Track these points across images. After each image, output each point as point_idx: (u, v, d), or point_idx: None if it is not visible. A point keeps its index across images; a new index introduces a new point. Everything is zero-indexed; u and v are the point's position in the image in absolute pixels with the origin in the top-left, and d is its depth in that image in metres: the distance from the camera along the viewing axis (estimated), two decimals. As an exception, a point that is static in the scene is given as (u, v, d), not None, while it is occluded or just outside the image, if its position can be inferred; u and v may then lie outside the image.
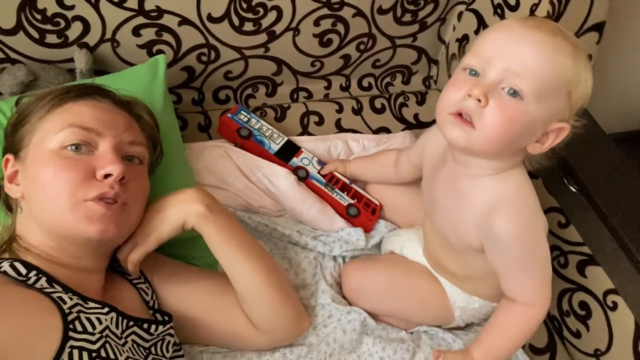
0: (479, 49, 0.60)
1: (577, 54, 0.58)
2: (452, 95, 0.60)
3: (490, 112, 0.57)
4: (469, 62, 0.60)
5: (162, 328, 0.65)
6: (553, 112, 0.59)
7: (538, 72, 0.56)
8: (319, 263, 0.86)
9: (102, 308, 0.58)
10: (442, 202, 0.71)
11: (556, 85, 0.57)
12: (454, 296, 0.77)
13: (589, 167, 0.83)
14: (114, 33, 0.87)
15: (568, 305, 0.85)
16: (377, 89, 1.16)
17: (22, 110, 0.65)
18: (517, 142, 0.60)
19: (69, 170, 0.58)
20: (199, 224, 0.66)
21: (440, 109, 0.62)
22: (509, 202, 0.64)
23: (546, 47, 0.57)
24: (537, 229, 0.65)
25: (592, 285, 0.80)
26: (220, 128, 0.97)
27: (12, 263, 0.56)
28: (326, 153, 1.01)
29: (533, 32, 0.57)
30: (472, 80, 0.59)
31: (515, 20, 0.60)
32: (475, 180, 0.65)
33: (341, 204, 0.91)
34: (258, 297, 0.69)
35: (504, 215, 0.63)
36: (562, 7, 0.81)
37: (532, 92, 0.56)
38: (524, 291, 0.67)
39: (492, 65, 0.58)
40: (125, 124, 0.65)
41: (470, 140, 0.59)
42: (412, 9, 1.02)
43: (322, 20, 0.97)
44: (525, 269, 0.66)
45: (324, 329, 0.78)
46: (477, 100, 0.57)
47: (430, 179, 0.75)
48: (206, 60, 0.97)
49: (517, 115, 0.57)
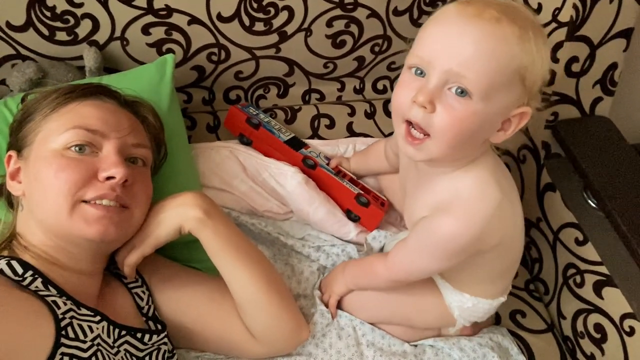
0: (418, 50, 0.57)
1: (526, 36, 0.54)
2: (401, 97, 0.58)
3: (439, 118, 0.55)
4: (412, 62, 0.58)
5: (157, 338, 0.64)
6: (507, 102, 0.56)
7: (482, 70, 0.53)
8: (322, 274, 0.85)
9: (94, 316, 0.57)
10: (412, 192, 0.71)
11: (505, 77, 0.54)
12: (447, 295, 0.75)
13: (609, 181, 0.78)
14: (123, 31, 0.86)
15: (583, 327, 0.81)
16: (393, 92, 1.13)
17: (27, 107, 0.65)
18: (475, 139, 0.59)
19: (71, 170, 0.58)
20: (195, 228, 0.65)
21: (393, 114, 0.61)
22: (461, 201, 0.62)
23: (488, 41, 0.53)
24: (469, 237, 0.62)
25: (608, 308, 0.76)
26: (227, 119, 0.97)
27: (9, 262, 0.56)
28: (332, 156, 0.99)
29: (473, 23, 0.53)
30: (417, 82, 0.57)
31: (455, 9, 0.55)
32: (438, 177, 0.64)
33: (351, 191, 0.89)
34: (255, 305, 0.68)
35: (449, 216, 0.61)
36: (587, 12, 0.77)
37: (478, 90, 0.54)
38: (394, 256, 0.71)
39: (433, 68, 0.55)
40: (130, 125, 0.65)
41: (427, 152, 0.58)
42: (429, 10, 0.98)
43: (335, 21, 0.95)
44: (415, 251, 0.67)
45: (322, 338, 0.76)
46: (423, 107, 0.55)
47: (403, 169, 0.75)
48: (216, 59, 0.95)
49: (468, 116, 0.55)
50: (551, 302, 0.89)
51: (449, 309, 0.76)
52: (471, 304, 0.73)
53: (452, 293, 0.75)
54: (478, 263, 0.67)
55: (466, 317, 0.76)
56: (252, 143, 0.95)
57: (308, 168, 0.92)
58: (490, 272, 0.72)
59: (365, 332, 0.78)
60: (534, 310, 0.89)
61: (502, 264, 0.71)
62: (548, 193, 0.87)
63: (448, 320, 0.77)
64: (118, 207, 0.60)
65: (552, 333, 0.86)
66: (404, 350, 0.77)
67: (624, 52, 0.82)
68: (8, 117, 0.74)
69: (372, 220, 0.88)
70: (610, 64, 0.82)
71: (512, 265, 0.73)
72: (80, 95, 0.64)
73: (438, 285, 0.76)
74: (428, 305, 0.77)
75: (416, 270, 0.70)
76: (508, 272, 0.74)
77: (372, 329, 0.78)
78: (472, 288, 0.73)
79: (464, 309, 0.75)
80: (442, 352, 0.78)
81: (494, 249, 0.65)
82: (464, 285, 0.74)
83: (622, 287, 0.74)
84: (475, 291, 0.73)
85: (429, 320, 0.79)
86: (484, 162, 0.63)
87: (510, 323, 0.86)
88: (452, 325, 0.78)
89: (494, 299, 0.74)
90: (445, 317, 0.77)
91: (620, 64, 0.82)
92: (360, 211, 0.88)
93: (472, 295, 0.73)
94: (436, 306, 0.76)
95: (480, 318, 0.77)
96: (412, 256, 0.68)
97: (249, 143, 0.95)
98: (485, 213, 0.61)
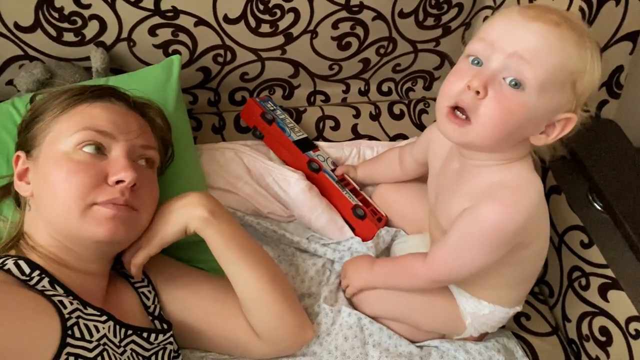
0: (483, 33, 0.58)
1: (583, 43, 0.56)
2: (453, 85, 0.59)
3: (488, 104, 0.56)
4: (473, 48, 0.59)
5: (162, 337, 0.64)
6: (556, 104, 0.57)
7: (545, 61, 0.54)
8: (327, 269, 0.85)
9: (100, 316, 0.57)
10: (448, 196, 0.70)
11: (560, 76, 0.55)
12: (462, 302, 0.75)
13: (615, 184, 0.78)
14: (130, 32, 0.87)
15: (588, 330, 0.81)
16: (397, 94, 1.13)
17: (37, 108, 0.65)
18: (517, 134, 0.59)
19: (81, 174, 0.58)
20: (201, 228, 0.65)
21: (439, 100, 0.61)
22: (507, 189, 0.61)
23: (550, 37, 0.55)
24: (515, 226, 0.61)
25: (614, 311, 0.76)
26: (244, 111, 0.99)
27: (17, 261, 0.56)
28: (338, 160, 0.99)
29: (536, 22, 0.55)
30: (473, 70, 0.58)
31: (517, 9, 0.58)
32: (479, 169, 0.64)
33: (349, 202, 0.89)
34: (260, 305, 0.68)
35: (495, 203, 0.61)
36: (593, 15, 0.77)
37: (536, 80, 0.55)
38: (435, 254, 0.68)
39: (497, 50, 0.56)
40: (139, 127, 0.65)
41: (465, 134, 0.58)
42: (435, 13, 0.98)
43: (341, 23, 0.95)
44: (459, 245, 0.65)
45: (327, 337, 0.76)
46: (475, 92, 0.56)
47: (437, 174, 0.74)
48: (222, 61, 0.96)
49: (517, 107, 0.56)
50: (556, 304, 0.88)
51: (461, 316, 0.75)
52: (488, 311, 0.73)
53: (468, 300, 0.74)
54: (511, 262, 0.67)
55: (478, 325, 0.75)
56: (264, 138, 0.96)
57: (312, 171, 0.92)
58: (517, 276, 0.71)
59: (373, 331, 0.77)
60: (538, 313, 0.88)
61: (530, 267, 0.71)
62: (553, 195, 0.87)
63: (456, 327, 0.77)
64: (127, 207, 0.60)
65: (557, 336, 0.86)
66: (410, 352, 0.77)
67: (630, 55, 0.82)
68: (16, 117, 0.74)
69: (365, 235, 0.87)
70: (616, 67, 0.82)
71: (536, 271, 0.73)
72: (90, 97, 0.64)
73: (453, 292, 0.75)
74: (439, 311, 0.76)
75: (459, 266, 0.67)
76: (531, 278, 0.74)
77: (380, 328, 0.77)
78: (492, 295, 0.73)
79: (478, 316, 0.74)
80: (448, 355, 0.77)
81: (530, 246, 0.65)
82: (483, 292, 0.73)
83: (627, 290, 0.74)
84: (494, 298, 0.73)
85: (437, 326, 0.79)
86: (527, 160, 0.64)
87: (514, 326, 0.85)
88: (459, 333, 0.77)
89: (511, 307, 0.74)
90: (454, 325, 0.77)
91: (626, 66, 0.83)
92: (356, 223, 0.88)
93: (490, 303, 0.73)
94: (447, 312, 0.76)
95: (492, 327, 0.77)
96: (456, 251, 0.65)
97: (260, 137, 0.97)
98: (532, 201, 0.61)
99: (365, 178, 0.95)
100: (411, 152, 0.85)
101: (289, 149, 0.94)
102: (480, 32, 0.59)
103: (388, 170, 0.91)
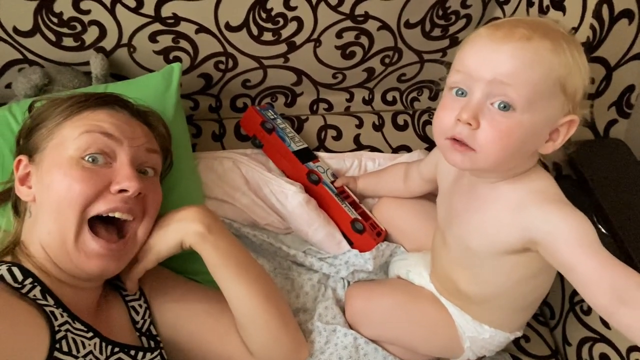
0: (458, 65, 0.57)
1: (560, 48, 0.54)
2: (444, 120, 0.58)
3: (484, 134, 0.55)
4: (453, 80, 0.58)
5: (150, 355, 0.63)
6: (552, 112, 0.56)
7: (524, 78, 0.54)
8: (323, 285, 0.83)
9: (87, 332, 0.56)
10: (462, 213, 0.68)
11: (547, 87, 0.54)
12: (462, 325, 0.73)
13: (621, 207, 0.76)
14: (130, 39, 0.86)
15: (588, 356, 0.79)
16: (402, 103, 1.11)
17: (38, 114, 0.65)
18: (523, 150, 0.58)
19: (85, 183, 0.58)
20: (196, 243, 0.64)
21: (436, 135, 0.61)
22: (538, 192, 0.60)
23: (524, 54, 0.53)
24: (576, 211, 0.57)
25: (615, 339, 0.74)
26: (244, 119, 0.97)
27: (10, 268, 0.55)
28: (339, 171, 0.98)
29: (506, 44, 0.54)
30: (459, 102, 0.57)
31: (485, 33, 0.56)
32: (495, 185, 0.63)
33: (348, 215, 0.87)
34: (254, 322, 0.67)
35: (539, 203, 0.59)
36: (605, 33, 0.74)
37: (523, 99, 0.54)
38: (601, 279, 0.53)
39: (476, 80, 0.55)
40: (143, 135, 0.65)
41: (474, 162, 0.57)
42: (442, 23, 0.96)
43: (345, 33, 0.93)
44: (594, 252, 0.54)
45: (321, 356, 0.74)
46: (467, 124, 0.55)
47: (448, 192, 0.72)
48: (224, 68, 0.94)
49: (513, 128, 0.55)
50: (556, 327, 0.87)
51: (459, 339, 0.74)
52: (488, 335, 0.72)
53: (469, 323, 0.73)
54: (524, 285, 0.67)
55: (476, 349, 0.74)
56: (263, 147, 0.95)
57: (311, 183, 0.90)
58: (524, 301, 0.70)
59: (368, 352, 0.76)
60: (538, 335, 0.86)
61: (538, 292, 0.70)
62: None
63: (454, 351, 0.75)
64: (123, 241, 0.60)
65: (556, 359, 0.84)
66: (406, 374, 0.76)
67: (642, 74, 0.79)
68: (12, 123, 0.73)
69: (364, 249, 0.85)
70: (627, 86, 0.80)
71: (541, 297, 0.72)
72: (94, 103, 0.64)
73: (453, 315, 0.74)
74: (437, 335, 0.75)
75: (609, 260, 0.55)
76: (535, 304, 0.73)
77: (375, 348, 0.76)
78: (495, 319, 0.72)
79: (477, 340, 0.73)
80: (445, 377, 0.76)
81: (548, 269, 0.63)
82: (488, 315, 0.72)
83: (630, 319, 0.72)
84: (497, 323, 0.72)
85: (434, 350, 0.77)
86: (539, 169, 0.63)
87: (513, 347, 0.84)
88: (457, 357, 0.76)
89: (512, 332, 0.73)
90: (451, 348, 0.75)
91: (637, 86, 0.80)
92: (354, 237, 0.86)
93: (492, 327, 0.72)
94: (445, 337, 0.74)
95: (490, 351, 0.75)
96: (601, 257, 0.55)
97: (260, 146, 0.95)
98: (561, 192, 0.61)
99: (366, 190, 0.93)
100: (419, 169, 0.84)
101: (288, 159, 0.93)
102: (456, 63, 0.58)
103: (391, 184, 0.90)
